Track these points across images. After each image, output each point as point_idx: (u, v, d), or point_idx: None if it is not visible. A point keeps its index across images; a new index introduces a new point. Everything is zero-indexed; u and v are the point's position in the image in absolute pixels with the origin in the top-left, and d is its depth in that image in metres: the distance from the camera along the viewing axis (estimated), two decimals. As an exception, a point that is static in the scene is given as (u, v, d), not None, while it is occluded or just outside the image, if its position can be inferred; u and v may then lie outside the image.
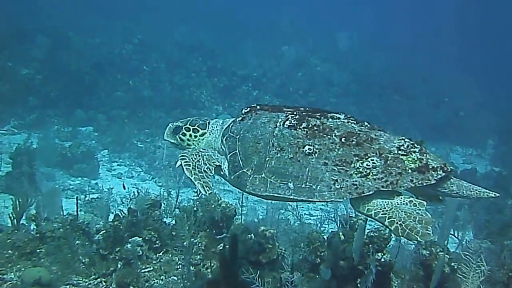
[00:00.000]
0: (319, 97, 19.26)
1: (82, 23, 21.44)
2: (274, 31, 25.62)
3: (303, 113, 3.60)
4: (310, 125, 3.49)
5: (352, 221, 5.07)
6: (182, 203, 6.46)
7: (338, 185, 3.30)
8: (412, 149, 3.37)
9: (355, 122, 3.57)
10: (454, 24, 38.95)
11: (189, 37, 23.03)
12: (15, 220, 6.23)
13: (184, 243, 5.55)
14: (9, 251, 5.56)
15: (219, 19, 27.17)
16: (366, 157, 3.32)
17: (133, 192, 6.60)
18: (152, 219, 5.84)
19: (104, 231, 5.64)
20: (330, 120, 3.54)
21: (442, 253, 5.02)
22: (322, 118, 3.55)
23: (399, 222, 3.11)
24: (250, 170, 3.52)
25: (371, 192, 3.26)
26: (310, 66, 21.82)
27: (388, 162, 3.30)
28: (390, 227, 3.15)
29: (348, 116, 3.64)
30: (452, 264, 5.01)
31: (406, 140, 3.43)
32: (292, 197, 3.40)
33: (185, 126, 4.00)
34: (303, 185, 3.37)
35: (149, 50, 20.52)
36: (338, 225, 5.23)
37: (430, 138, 16.25)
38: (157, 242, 5.75)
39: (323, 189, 3.33)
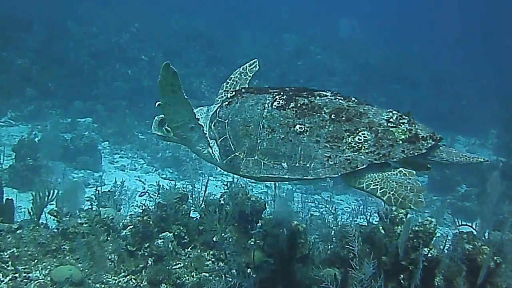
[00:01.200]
0: (320, 86, 18.90)
1: (77, 11, 20.95)
2: (274, 18, 25.27)
3: (290, 93, 3.59)
4: (299, 104, 3.48)
5: (392, 215, 4.87)
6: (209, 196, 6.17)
7: (331, 161, 3.33)
8: (401, 121, 3.40)
9: (342, 98, 3.57)
10: (457, 14, 38.89)
11: (186, 25, 22.68)
12: (34, 215, 5.96)
13: (214, 238, 5.36)
14: (32, 249, 5.28)
15: (216, 6, 26.72)
16: (357, 131, 3.35)
17: (161, 186, 6.33)
18: (180, 214, 5.58)
19: (132, 226, 5.38)
20: (318, 98, 3.52)
21: (486, 247, 4.86)
22: (309, 96, 3.53)
23: (391, 192, 3.18)
24: (243, 153, 3.52)
25: (364, 166, 3.29)
26: (311, 55, 21.56)
27: (379, 135, 3.34)
28: (382, 198, 3.19)
29: (335, 92, 3.64)
30: (496, 258, 4.85)
31: (394, 112, 3.46)
32: (286, 176, 3.41)
33: None
34: (297, 164, 3.38)
35: (146, 39, 20.14)
36: (378, 219, 5.02)
37: (432, 127, 16.10)
38: (186, 237, 5.50)
39: (317, 166, 3.35)
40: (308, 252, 5.41)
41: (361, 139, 3.32)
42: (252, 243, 5.34)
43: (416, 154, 3.31)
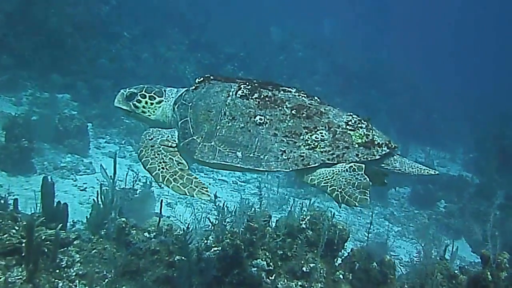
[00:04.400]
0: (303, 84, 18.81)
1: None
2: (261, 8, 24.72)
3: (256, 84, 3.65)
4: (262, 96, 3.53)
5: (499, 260, 4.79)
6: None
7: (285, 156, 3.37)
8: (359, 125, 3.50)
9: (306, 96, 3.65)
10: (441, 28, 39.91)
11: (166, 3, 21.56)
12: (93, 225, 5.37)
13: (304, 268, 5.08)
14: (100, 266, 4.73)
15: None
16: (315, 130, 3.42)
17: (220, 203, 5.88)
18: (267, 237, 5.20)
19: (220, 249, 4.94)
20: (282, 92, 3.60)
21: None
22: (274, 90, 3.60)
23: (339, 190, 3.21)
24: (200, 138, 3.52)
25: (316, 164, 3.35)
26: (293, 51, 21.34)
27: (336, 136, 3.41)
28: (331, 195, 3.24)
29: (299, 90, 3.72)
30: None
31: (354, 116, 3.56)
32: (239, 165, 3.42)
33: (141, 93, 3.93)
34: (251, 155, 3.40)
35: (126, 14, 18.98)
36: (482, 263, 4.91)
37: (405, 137, 16.49)
38: (270, 264, 5.14)
39: (270, 159, 3.38)
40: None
41: (318, 138, 3.39)
42: (340, 275, 5.13)
43: (369, 159, 3.39)
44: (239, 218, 5.06)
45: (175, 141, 3.63)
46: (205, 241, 5.34)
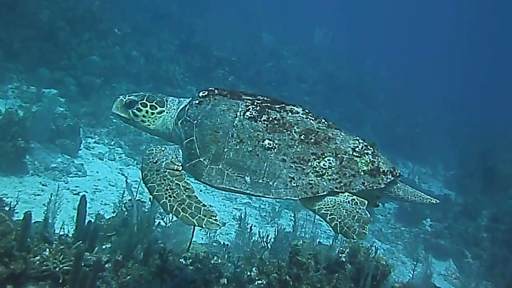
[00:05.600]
0: (292, 93, 18.80)
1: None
2: (250, 11, 24.57)
3: (263, 104, 3.56)
4: (271, 118, 3.46)
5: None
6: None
7: (294, 183, 3.32)
8: (365, 151, 3.49)
9: (313, 118, 3.60)
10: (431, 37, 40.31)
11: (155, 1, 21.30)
12: (129, 249, 5.10)
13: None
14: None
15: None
16: (323, 156, 3.39)
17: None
18: (311, 271, 5.00)
19: (265, 283, 4.77)
20: (290, 114, 3.54)
21: None
22: (282, 111, 3.54)
23: (338, 220, 3.21)
24: (207, 160, 3.41)
25: (325, 193, 3.32)
26: (283, 58, 21.33)
27: (343, 163, 3.39)
28: (330, 224, 3.23)
29: (306, 110, 3.65)
30: None
31: (360, 141, 3.55)
32: (248, 191, 3.36)
33: (142, 102, 3.77)
34: (260, 180, 3.34)
35: (116, 10, 18.58)
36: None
37: (388, 151, 16.66)
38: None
39: (279, 186, 3.33)
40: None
41: (326, 165, 3.35)
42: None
43: (375, 188, 3.40)
44: (278, 249, 4.95)
45: (180, 163, 3.52)
46: (248, 273, 5.19)
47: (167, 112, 3.77)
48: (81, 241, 4.49)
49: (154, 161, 3.47)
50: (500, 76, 40.85)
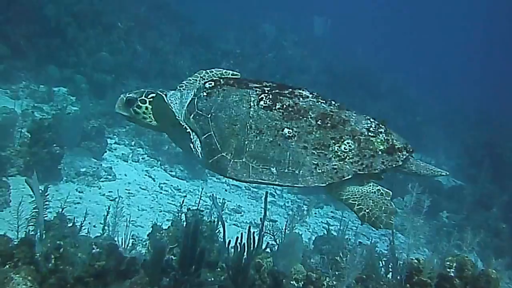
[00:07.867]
0: (295, 84, 18.56)
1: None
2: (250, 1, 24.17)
3: (274, 91, 3.54)
4: (285, 106, 3.45)
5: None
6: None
7: (319, 170, 3.34)
8: (379, 130, 3.53)
9: (324, 101, 3.60)
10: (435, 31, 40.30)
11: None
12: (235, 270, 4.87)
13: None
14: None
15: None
16: (342, 140, 3.41)
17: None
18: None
19: None
20: (301, 99, 3.52)
21: None
22: (293, 97, 3.52)
23: (366, 210, 3.31)
24: (230, 154, 3.38)
25: (350, 176, 3.35)
26: (284, 48, 21.12)
27: (361, 144, 3.43)
28: (357, 214, 3.33)
29: (314, 94, 3.66)
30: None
31: (371, 120, 3.59)
32: (276, 182, 3.36)
33: (140, 98, 3.70)
34: (286, 170, 3.33)
35: (113, 1, 17.96)
36: None
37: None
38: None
39: (305, 173, 3.33)
40: None
41: (346, 148, 3.39)
42: None
43: (394, 166, 3.44)
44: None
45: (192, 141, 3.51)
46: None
47: None
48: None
49: None
50: (501, 64, 41.07)
